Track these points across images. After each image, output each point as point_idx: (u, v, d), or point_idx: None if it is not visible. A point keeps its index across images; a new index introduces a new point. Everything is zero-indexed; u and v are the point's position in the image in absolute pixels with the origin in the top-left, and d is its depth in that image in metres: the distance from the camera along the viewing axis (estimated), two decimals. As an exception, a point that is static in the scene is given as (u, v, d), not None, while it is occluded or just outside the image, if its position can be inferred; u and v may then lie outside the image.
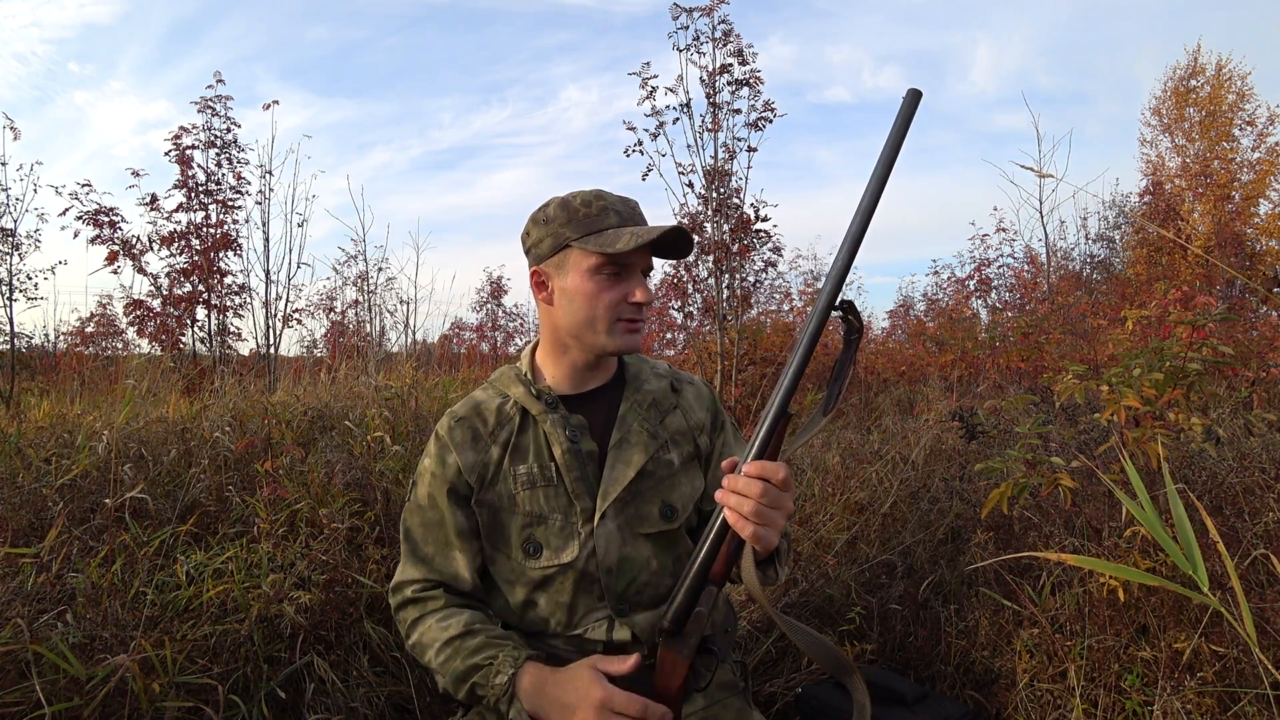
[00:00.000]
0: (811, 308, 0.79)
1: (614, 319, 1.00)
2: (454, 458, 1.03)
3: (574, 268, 1.00)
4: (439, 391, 3.43)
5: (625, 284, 1.00)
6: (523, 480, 1.02)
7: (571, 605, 1.02)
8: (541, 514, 1.01)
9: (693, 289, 5.50)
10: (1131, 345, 2.33)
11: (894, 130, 0.79)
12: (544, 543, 1.01)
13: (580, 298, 1.00)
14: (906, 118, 0.79)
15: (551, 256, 1.02)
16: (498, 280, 11.39)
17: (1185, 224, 11.14)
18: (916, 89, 0.79)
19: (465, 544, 1.04)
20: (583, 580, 1.01)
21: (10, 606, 1.27)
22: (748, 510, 0.76)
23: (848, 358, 0.78)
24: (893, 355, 7.47)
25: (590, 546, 1.00)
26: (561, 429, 1.02)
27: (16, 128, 5.18)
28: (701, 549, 0.83)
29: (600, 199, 1.00)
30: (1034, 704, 1.46)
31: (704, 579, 0.83)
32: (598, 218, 0.99)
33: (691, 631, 0.85)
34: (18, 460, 2.03)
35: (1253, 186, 10.83)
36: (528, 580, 1.02)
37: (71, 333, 7.84)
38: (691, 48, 5.15)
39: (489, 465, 1.03)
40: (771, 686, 1.68)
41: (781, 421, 0.77)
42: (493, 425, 1.05)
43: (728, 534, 0.81)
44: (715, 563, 0.82)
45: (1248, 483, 1.73)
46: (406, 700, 1.55)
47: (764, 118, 5.11)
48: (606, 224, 0.99)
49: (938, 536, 2.09)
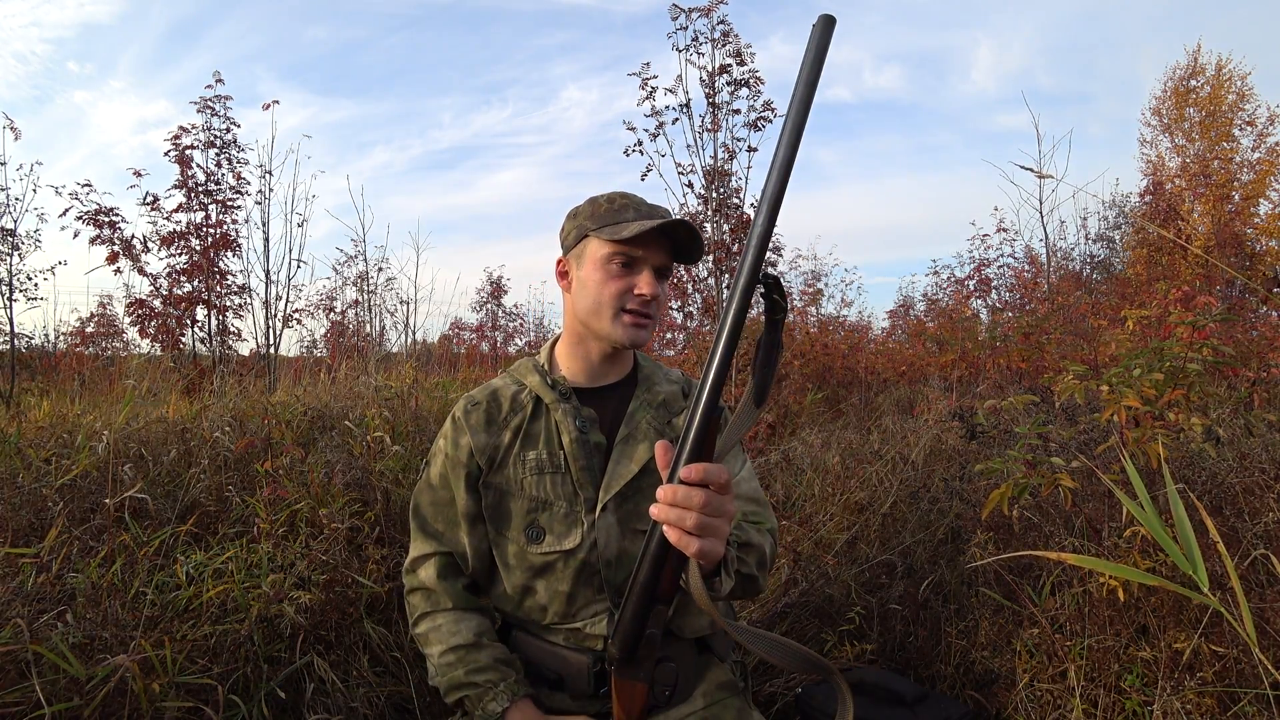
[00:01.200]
0: (730, 288, 0.67)
1: (618, 308, 1.02)
2: (467, 439, 1.07)
3: (590, 257, 1.04)
4: (439, 391, 3.42)
5: (633, 275, 1.03)
6: (531, 466, 1.05)
7: (570, 595, 1.03)
8: (547, 500, 1.04)
9: (693, 289, 5.50)
10: (1131, 345, 2.33)
11: (806, 65, 0.64)
12: (547, 528, 1.03)
13: (591, 285, 1.04)
14: (820, 47, 0.64)
15: (575, 247, 1.07)
16: (498, 280, 11.38)
17: (1185, 224, 11.14)
18: (829, 15, 0.64)
19: (471, 526, 1.08)
20: (583, 570, 1.02)
21: (10, 606, 1.26)
22: (690, 525, 0.66)
23: (772, 340, 0.68)
24: (893, 355, 7.47)
25: (593, 537, 1.02)
26: (572, 419, 1.05)
27: (17, 128, 5.18)
28: (640, 570, 0.74)
29: (625, 198, 1.05)
30: (1034, 704, 1.46)
31: (650, 600, 0.75)
32: (618, 212, 1.03)
33: (645, 655, 0.80)
34: (18, 460, 2.03)
35: (1252, 186, 10.83)
36: (528, 565, 1.04)
37: (71, 333, 7.84)
38: (690, 48, 5.16)
39: (499, 448, 1.07)
40: (771, 686, 1.68)
41: (713, 417, 0.66)
42: (506, 411, 1.09)
43: (669, 552, 0.71)
44: (660, 583, 0.74)
45: (1248, 483, 1.72)
46: (406, 700, 1.55)
47: (763, 118, 5.11)
48: (624, 218, 1.03)
49: (938, 536, 2.09)
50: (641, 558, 0.74)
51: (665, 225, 1.00)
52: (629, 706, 0.83)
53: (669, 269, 1.06)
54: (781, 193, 0.63)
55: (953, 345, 6.34)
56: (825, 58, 0.64)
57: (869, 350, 7.61)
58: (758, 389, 0.69)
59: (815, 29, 0.64)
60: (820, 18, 0.64)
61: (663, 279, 1.05)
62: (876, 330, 9.75)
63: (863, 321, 9.63)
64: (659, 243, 1.03)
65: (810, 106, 0.64)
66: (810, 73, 0.63)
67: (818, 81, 0.64)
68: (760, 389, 0.69)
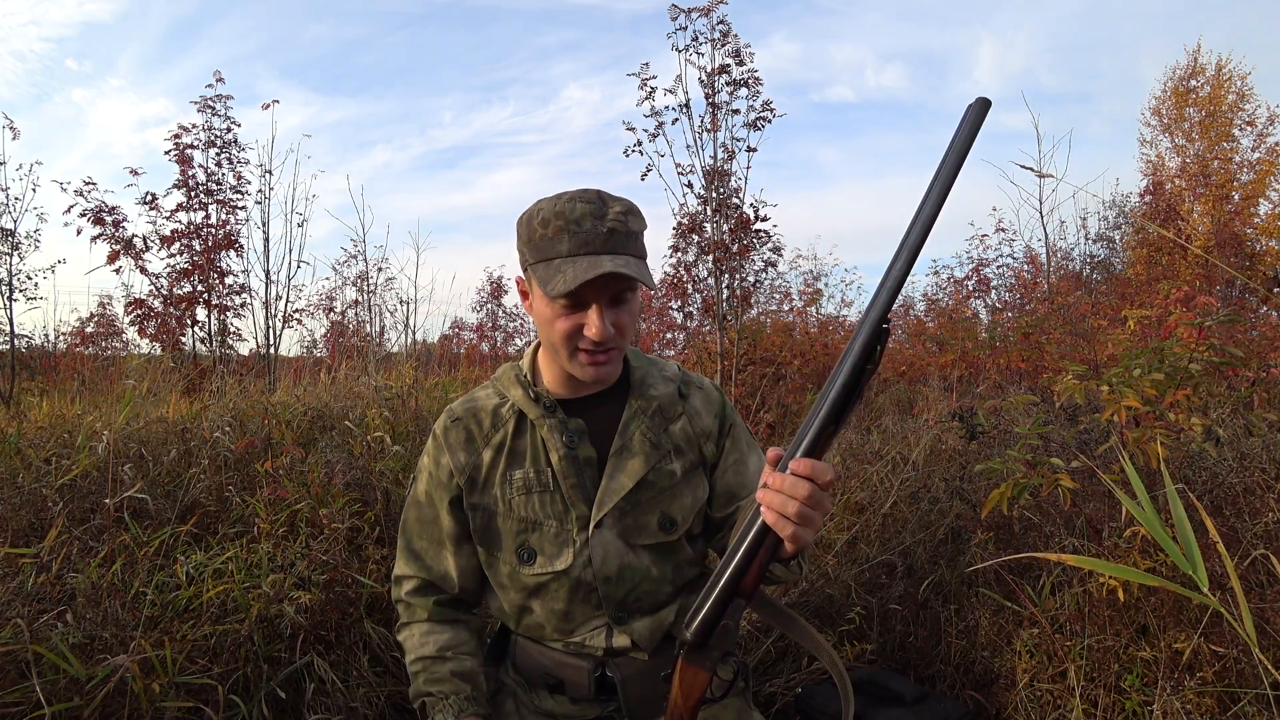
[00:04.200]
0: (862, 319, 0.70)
1: (573, 349, 0.95)
2: (447, 459, 1.04)
3: (537, 290, 0.94)
4: (439, 391, 3.43)
5: (582, 314, 0.92)
6: (518, 485, 1.01)
7: (566, 612, 1.01)
8: (536, 520, 1.01)
9: (693, 289, 5.50)
10: (1132, 345, 2.33)
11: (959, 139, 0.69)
12: (538, 549, 1.01)
13: (542, 320, 0.95)
14: (974, 126, 0.69)
15: (525, 271, 0.98)
16: (498, 280, 11.40)
17: (1185, 224, 11.13)
18: (986, 98, 0.69)
19: (457, 547, 1.05)
20: (577, 588, 1.00)
21: (10, 606, 1.26)
22: (791, 511, 0.71)
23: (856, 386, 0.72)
24: (893, 355, 7.47)
25: (585, 555, 1.00)
26: (559, 434, 1.01)
27: (16, 127, 5.18)
28: (733, 559, 0.77)
29: (560, 217, 0.90)
30: (1034, 704, 1.46)
31: (733, 591, 0.78)
32: (552, 241, 0.90)
33: (715, 645, 0.81)
34: (18, 460, 2.03)
35: (1252, 186, 10.82)
36: (522, 586, 1.02)
37: (71, 333, 7.85)
38: (690, 48, 5.15)
39: (480, 467, 1.03)
40: (771, 686, 1.68)
41: (829, 428, 0.72)
42: (487, 427, 1.04)
43: (764, 542, 0.75)
44: (747, 575, 0.77)
45: (1248, 483, 1.73)
46: (406, 700, 1.54)
47: (763, 118, 5.10)
48: (556, 251, 0.90)
49: (938, 536, 2.09)
50: (735, 548, 0.77)
51: (586, 277, 0.86)
52: (688, 692, 0.83)
53: (630, 289, 0.94)
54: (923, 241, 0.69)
55: (953, 345, 6.34)
56: (978, 135, 0.69)
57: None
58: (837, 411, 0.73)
59: (972, 109, 0.68)
60: (978, 100, 0.69)
61: (622, 302, 0.94)
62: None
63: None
64: (606, 276, 0.88)
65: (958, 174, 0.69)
66: (961, 148, 0.68)
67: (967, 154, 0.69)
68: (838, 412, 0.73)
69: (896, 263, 0.68)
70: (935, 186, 0.68)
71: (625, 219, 0.92)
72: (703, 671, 0.82)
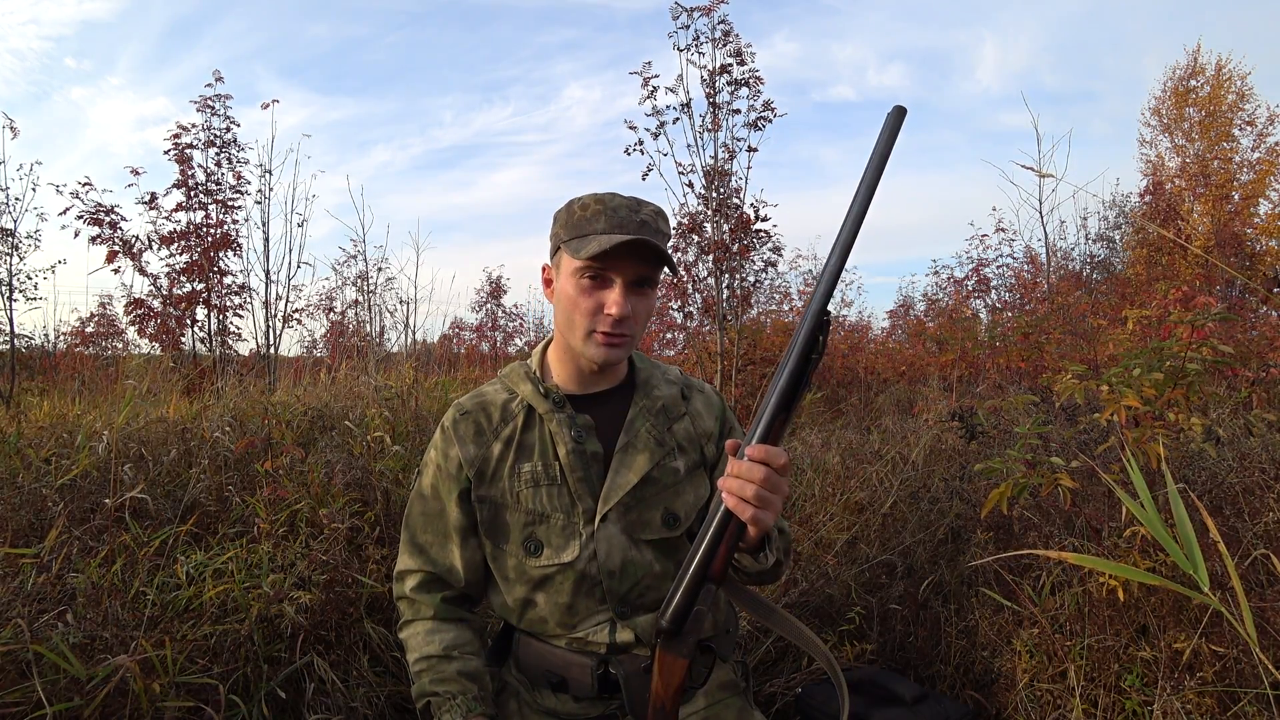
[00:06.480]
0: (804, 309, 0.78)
1: (589, 328, 0.98)
2: (456, 451, 1.05)
3: (564, 270, 1.00)
4: (439, 391, 3.42)
5: (605, 291, 0.97)
6: (526, 478, 1.03)
7: (570, 606, 1.02)
8: (544, 512, 1.02)
9: (693, 289, 5.49)
10: (1131, 345, 2.33)
11: (879, 145, 0.76)
12: (545, 541, 1.02)
13: (564, 299, 1.00)
14: (892, 133, 0.76)
15: (554, 255, 1.04)
16: (497, 280, 11.38)
17: (1185, 224, 11.13)
18: (901, 106, 0.76)
19: (463, 540, 1.06)
20: (582, 581, 1.01)
21: (10, 606, 1.26)
22: (749, 494, 0.76)
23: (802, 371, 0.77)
24: (893, 355, 7.48)
25: (591, 548, 1.01)
26: (567, 429, 1.02)
27: (16, 127, 5.18)
28: (700, 545, 0.81)
29: (600, 203, 0.97)
30: (1034, 704, 1.46)
31: (703, 577, 0.81)
32: (590, 220, 0.96)
33: (690, 631, 0.84)
34: (18, 460, 2.03)
35: (1252, 186, 10.83)
36: (528, 578, 1.03)
37: (71, 333, 7.84)
38: (691, 48, 5.15)
39: (489, 460, 1.04)
40: (771, 686, 1.68)
41: (782, 415, 0.77)
42: (496, 421, 1.06)
43: (728, 526, 0.80)
44: (714, 560, 0.81)
45: (1248, 483, 1.73)
46: (406, 700, 1.55)
47: (763, 117, 5.11)
48: (591, 229, 0.96)
49: (938, 536, 2.09)
50: (701, 535, 0.81)
51: (617, 240, 0.92)
52: (668, 680, 0.85)
53: (651, 278, 0.99)
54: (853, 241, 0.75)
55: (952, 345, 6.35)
56: (895, 140, 0.76)
57: (869, 350, 7.62)
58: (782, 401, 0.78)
59: (889, 117, 0.75)
60: (894, 108, 0.76)
61: (642, 290, 0.99)
62: (876, 330, 9.77)
63: (863, 321, 9.66)
64: (636, 253, 0.95)
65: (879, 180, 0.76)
66: (880, 158, 0.75)
67: (885, 163, 0.76)
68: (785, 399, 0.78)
69: (831, 259, 0.75)
70: (861, 190, 0.75)
71: (656, 219, 1.00)
72: (680, 658, 0.84)
